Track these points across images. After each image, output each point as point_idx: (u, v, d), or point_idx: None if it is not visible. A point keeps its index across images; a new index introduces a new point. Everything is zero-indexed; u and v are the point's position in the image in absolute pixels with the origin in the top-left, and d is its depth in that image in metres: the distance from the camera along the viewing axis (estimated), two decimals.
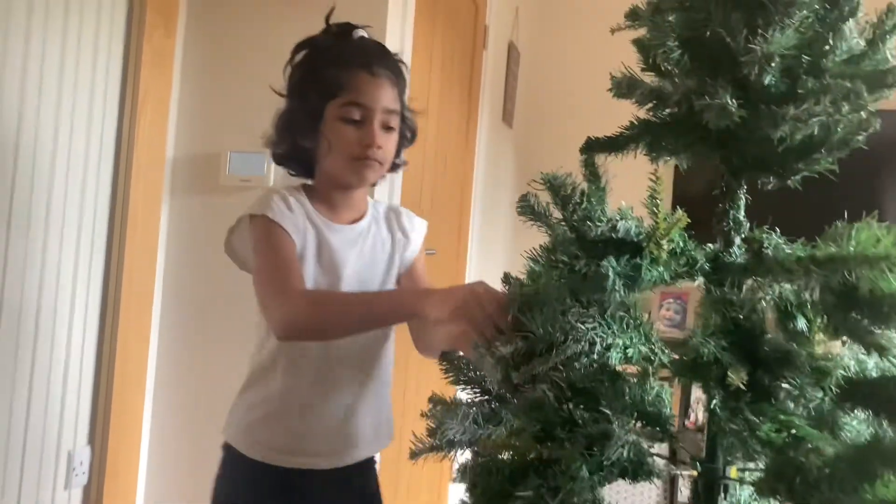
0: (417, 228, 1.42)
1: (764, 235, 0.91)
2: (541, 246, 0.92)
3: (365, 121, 1.25)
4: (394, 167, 1.35)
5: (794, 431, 0.73)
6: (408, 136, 1.35)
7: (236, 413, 1.31)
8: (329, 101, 1.24)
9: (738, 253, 0.97)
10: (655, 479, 1.00)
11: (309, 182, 1.34)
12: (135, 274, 1.97)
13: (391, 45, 2.07)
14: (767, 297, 0.92)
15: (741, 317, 0.81)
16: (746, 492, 0.98)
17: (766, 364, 0.79)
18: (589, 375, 0.99)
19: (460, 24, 2.80)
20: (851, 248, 0.75)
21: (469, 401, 1.13)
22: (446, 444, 1.11)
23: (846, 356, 0.88)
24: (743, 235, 0.98)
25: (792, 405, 0.78)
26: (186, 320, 2.13)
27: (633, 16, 1.03)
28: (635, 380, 1.04)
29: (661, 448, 1.06)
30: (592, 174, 1.06)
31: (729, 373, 0.75)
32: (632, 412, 1.02)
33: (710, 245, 0.98)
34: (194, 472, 1.97)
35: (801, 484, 0.77)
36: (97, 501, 1.92)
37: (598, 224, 0.84)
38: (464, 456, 1.08)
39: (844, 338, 0.77)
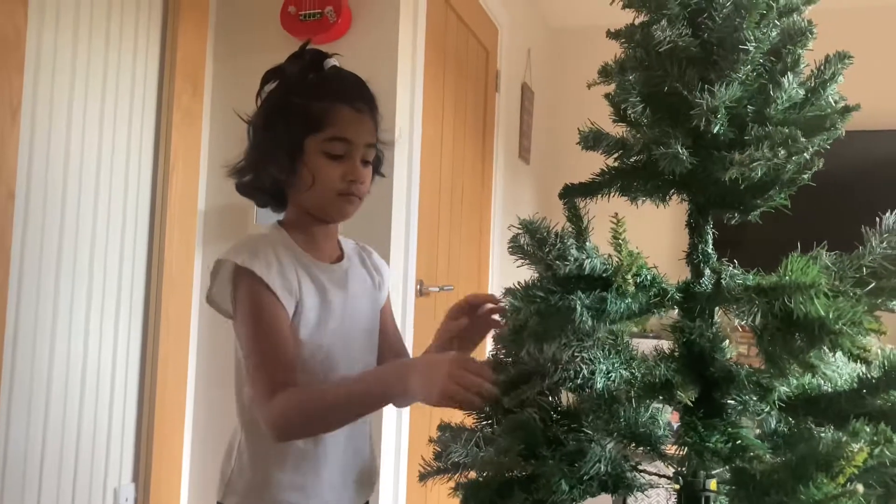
0: (386, 269, 1.41)
1: (722, 267, 1.00)
2: (519, 283, 1.02)
3: (347, 156, 1.22)
4: None
5: (738, 442, 0.82)
6: (379, 168, 1.34)
7: (241, 475, 1.23)
8: (309, 135, 1.21)
9: (707, 283, 1.07)
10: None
11: (280, 217, 1.31)
12: (172, 319, 2.12)
13: (402, 92, 2.21)
14: (738, 323, 1.02)
15: (694, 341, 0.91)
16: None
17: (715, 383, 0.89)
18: (587, 399, 1.09)
19: (471, 70, 2.94)
20: (788, 277, 0.84)
21: (473, 426, 1.24)
22: (451, 466, 1.21)
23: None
24: (711, 266, 1.08)
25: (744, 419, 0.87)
26: (222, 363, 2.25)
27: (604, 73, 1.14)
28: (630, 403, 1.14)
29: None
30: (574, 216, 1.18)
31: (678, 392, 0.85)
32: (625, 433, 1.12)
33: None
34: None
35: (755, 490, 0.87)
36: None
37: (566, 263, 0.95)
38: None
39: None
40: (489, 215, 3.18)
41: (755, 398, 0.88)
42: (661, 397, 0.91)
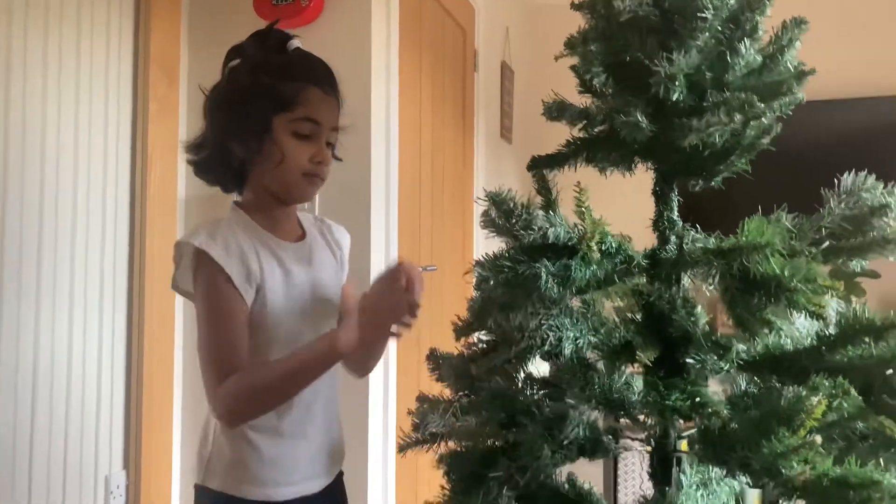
0: (346, 241, 1.41)
1: (685, 232, 1.02)
2: (487, 253, 1.04)
3: (314, 137, 1.23)
4: None
5: (697, 399, 0.85)
6: (333, 152, 1.32)
7: (220, 458, 1.24)
8: (279, 114, 1.20)
9: (672, 249, 1.09)
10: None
11: (238, 199, 1.29)
12: (156, 307, 2.13)
13: (377, 75, 2.21)
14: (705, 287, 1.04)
15: (653, 303, 0.93)
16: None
17: (675, 344, 0.91)
18: (563, 367, 1.11)
19: (448, 50, 2.94)
20: (744, 239, 0.86)
21: (450, 397, 1.26)
22: (429, 436, 1.23)
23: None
24: (676, 233, 1.10)
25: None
26: None
27: (570, 45, 1.16)
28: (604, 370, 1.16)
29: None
30: (543, 188, 1.20)
31: (638, 353, 0.87)
32: (599, 399, 1.14)
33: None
34: None
35: (721, 447, 0.89)
36: None
37: (531, 232, 0.96)
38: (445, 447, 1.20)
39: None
40: (472, 196, 3.19)
41: (714, 357, 0.91)
42: (624, 359, 0.93)
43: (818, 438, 0.80)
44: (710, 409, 0.83)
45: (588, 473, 1.22)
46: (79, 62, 1.96)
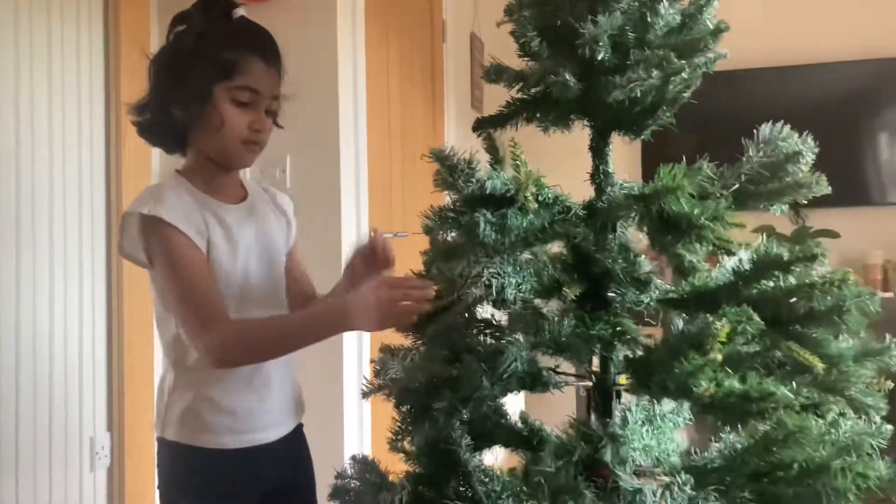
0: (290, 209, 1.48)
1: (614, 182, 1.11)
2: (431, 206, 1.12)
3: (253, 105, 1.28)
4: None
5: (618, 328, 0.94)
6: (275, 119, 1.37)
7: (175, 409, 1.30)
8: (219, 82, 1.25)
9: (606, 200, 1.17)
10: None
11: (180, 168, 1.34)
12: (134, 275, 2.20)
13: (343, 46, 2.27)
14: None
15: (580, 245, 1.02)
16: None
17: (600, 281, 1.01)
18: (514, 315, 1.20)
19: (416, 21, 3.00)
20: (660, 184, 0.95)
21: (408, 346, 1.34)
22: (390, 382, 1.33)
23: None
24: (609, 184, 1.19)
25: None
26: None
27: (509, 11, 1.23)
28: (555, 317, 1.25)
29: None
30: (491, 147, 1.28)
31: (564, 288, 0.96)
32: (549, 344, 1.23)
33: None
34: None
35: (642, 372, 0.99)
36: (120, 481, 2.15)
37: (470, 184, 1.05)
38: None
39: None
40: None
41: (635, 291, 1.00)
42: (554, 295, 1.02)
43: (719, 356, 0.89)
44: (628, 336, 0.92)
45: (562, 412, 1.31)
46: (50, 35, 2.01)
